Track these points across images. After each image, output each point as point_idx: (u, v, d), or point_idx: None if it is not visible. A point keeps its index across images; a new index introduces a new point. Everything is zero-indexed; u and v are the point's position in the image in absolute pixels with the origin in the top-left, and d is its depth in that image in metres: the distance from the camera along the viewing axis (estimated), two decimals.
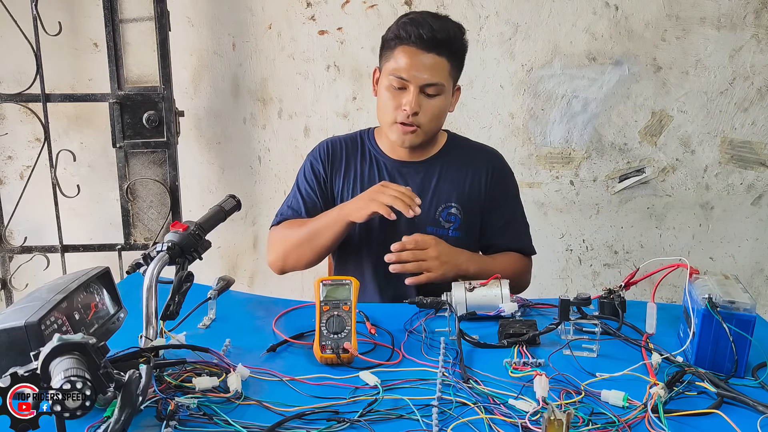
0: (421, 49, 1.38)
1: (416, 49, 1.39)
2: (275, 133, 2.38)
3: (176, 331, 1.10)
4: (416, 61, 1.39)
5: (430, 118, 1.43)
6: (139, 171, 2.22)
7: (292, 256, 1.49)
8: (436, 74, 1.40)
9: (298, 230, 1.48)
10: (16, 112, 2.30)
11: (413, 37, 1.38)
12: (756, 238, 2.37)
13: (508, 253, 1.56)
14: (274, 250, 1.52)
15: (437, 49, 1.39)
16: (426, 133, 1.46)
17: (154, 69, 2.14)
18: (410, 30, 1.38)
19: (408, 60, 1.39)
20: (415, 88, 1.39)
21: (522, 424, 0.83)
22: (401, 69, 1.39)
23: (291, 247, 1.48)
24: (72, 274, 1.01)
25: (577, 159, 2.34)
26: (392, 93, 1.42)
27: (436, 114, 1.44)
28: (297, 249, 1.47)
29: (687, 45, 2.22)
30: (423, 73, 1.39)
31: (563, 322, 1.08)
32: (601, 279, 2.44)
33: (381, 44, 1.48)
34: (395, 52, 1.41)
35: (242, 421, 0.83)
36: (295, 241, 1.47)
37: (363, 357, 1.03)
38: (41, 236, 2.33)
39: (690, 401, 0.91)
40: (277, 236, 1.53)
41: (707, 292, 0.99)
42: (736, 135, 2.28)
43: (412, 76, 1.39)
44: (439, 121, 1.47)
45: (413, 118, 1.42)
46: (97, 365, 0.71)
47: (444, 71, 1.42)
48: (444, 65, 1.41)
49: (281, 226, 1.54)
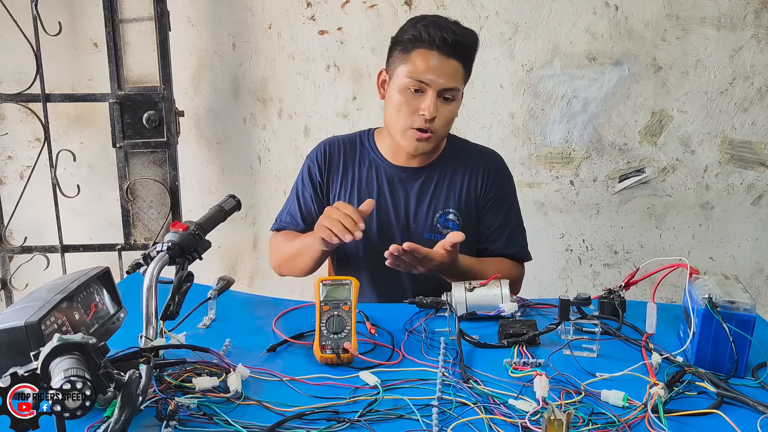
0: (443, 53, 1.35)
1: (438, 54, 1.35)
2: (275, 133, 2.38)
3: (176, 331, 1.10)
4: (436, 65, 1.35)
5: (444, 123, 1.41)
6: (139, 171, 2.22)
7: (285, 268, 1.56)
8: (454, 79, 1.38)
9: (288, 246, 1.51)
10: (16, 112, 2.30)
11: (437, 41, 1.34)
12: (756, 238, 2.37)
13: (500, 259, 1.53)
14: (273, 257, 1.59)
15: (457, 55, 1.36)
16: (437, 140, 1.44)
17: (154, 69, 2.14)
18: (434, 33, 1.34)
19: (429, 63, 1.35)
20: (433, 92, 1.36)
21: (522, 424, 0.83)
22: (420, 72, 1.35)
23: (283, 261, 1.54)
24: (72, 274, 1.02)
25: (577, 159, 2.34)
26: (407, 97, 1.38)
27: (450, 120, 1.43)
28: (288, 263, 1.53)
29: (687, 45, 2.22)
30: (444, 77, 1.36)
31: (563, 322, 1.08)
32: (601, 279, 2.44)
33: (391, 45, 1.44)
34: (412, 54, 1.37)
35: (242, 421, 0.83)
36: (285, 257, 1.53)
37: (363, 357, 1.03)
38: (41, 236, 2.33)
39: (690, 401, 0.91)
40: (275, 245, 1.57)
41: (707, 292, 0.99)
42: (736, 135, 2.28)
43: (432, 80, 1.35)
44: (450, 127, 1.46)
45: (429, 124, 1.38)
46: (97, 365, 0.71)
47: (461, 76, 1.40)
48: (461, 71, 1.39)
49: (279, 236, 1.57)
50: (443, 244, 1.29)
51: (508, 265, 1.52)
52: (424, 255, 1.27)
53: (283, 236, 1.55)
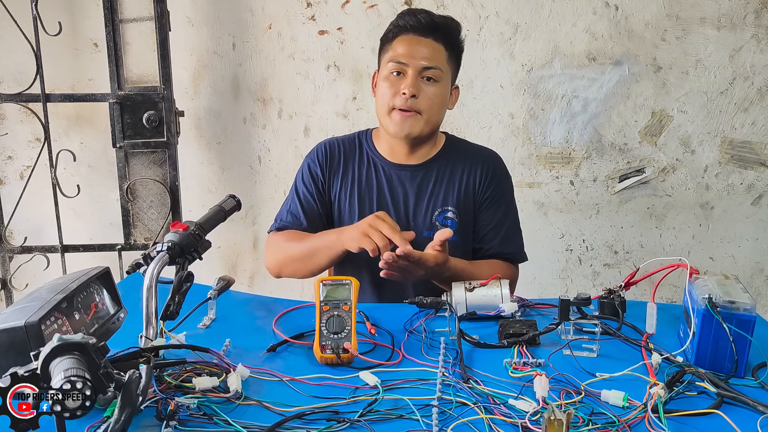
0: (420, 34, 1.43)
1: (415, 36, 1.43)
2: (275, 133, 2.38)
3: (176, 331, 1.10)
4: (414, 46, 1.42)
5: (429, 104, 1.43)
6: (139, 171, 2.22)
7: (289, 269, 1.51)
8: (434, 58, 1.42)
9: (297, 245, 1.47)
10: (16, 112, 2.30)
11: (411, 23, 1.42)
12: (756, 238, 2.37)
13: (493, 261, 1.52)
14: (273, 257, 1.53)
15: (434, 34, 1.43)
16: (426, 122, 1.44)
17: (154, 69, 2.14)
18: (408, 18, 1.43)
19: (407, 46, 1.42)
20: (413, 71, 1.41)
21: (522, 424, 0.83)
22: (399, 55, 1.42)
23: (288, 261, 1.50)
24: (72, 274, 1.02)
25: (577, 159, 2.34)
26: (390, 81, 1.43)
27: (436, 102, 1.44)
28: (294, 263, 1.49)
29: (687, 45, 2.22)
30: (421, 56, 1.41)
31: (563, 322, 1.08)
32: (601, 279, 2.44)
33: (380, 44, 1.50)
34: (393, 43, 1.45)
35: (242, 421, 0.83)
36: (293, 256, 1.48)
37: (363, 357, 1.03)
38: (41, 236, 2.33)
39: (690, 401, 0.91)
40: (276, 245, 1.52)
41: (707, 292, 0.99)
42: (736, 135, 2.28)
43: (410, 59, 1.41)
44: (438, 111, 1.46)
45: (412, 102, 1.41)
46: (97, 365, 0.71)
47: (442, 57, 1.44)
48: (442, 51, 1.44)
49: (281, 236, 1.53)
50: (432, 245, 1.30)
51: (500, 267, 1.50)
52: (418, 258, 1.27)
53: (286, 236, 1.52)
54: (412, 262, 1.27)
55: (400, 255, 1.24)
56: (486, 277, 1.25)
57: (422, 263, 1.28)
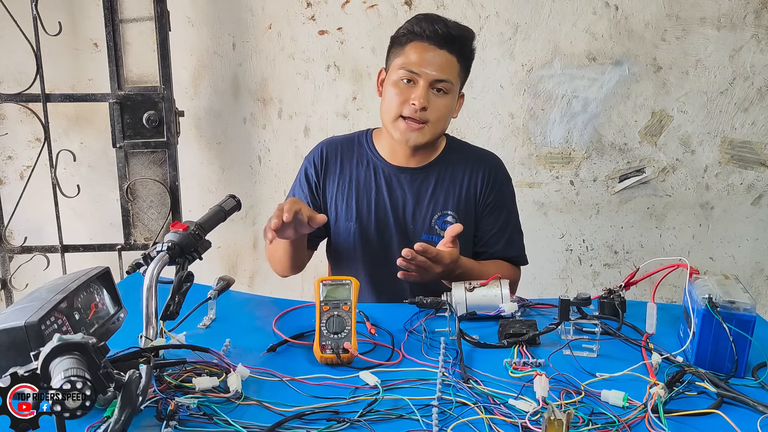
0: (435, 45, 1.39)
1: (429, 45, 1.39)
2: (275, 133, 2.38)
3: (176, 331, 1.10)
4: (428, 56, 1.38)
5: (438, 116, 1.42)
6: (139, 171, 2.22)
7: (277, 268, 1.59)
8: (446, 71, 1.40)
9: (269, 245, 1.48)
10: (16, 112, 2.30)
11: (428, 32, 1.38)
12: (756, 238, 2.37)
13: (497, 261, 1.52)
14: (267, 259, 1.60)
15: (450, 46, 1.39)
16: (432, 134, 1.44)
17: (154, 69, 2.14)
18: (425, 26, 1.38)
19: (420, 55, 1.39)
20: (425, 82, 1.38)
21: (522, 424, 0.83)
22: (412, 63, 1.39)
23: (272, 260, 1.59)
24: (72, 274, 1.02)
25: (577, 159, 2.34)
26: (400, 88, 1.40)
27: (444, 113, 1.43)
28: (274, 263, 1.57)
29: (687, 45, 2.22)
30: (434, 68, 1.38)
31: (563, 322, 1.08)
32: (601, 279, 2.44)
33: (390, 43, 1.47)
34: (406, 48, 1.41)
35: (242, 421, 0.83)
36: (271, 256, 1.57)
37: (363, 357, 1.03)
38: (41, 236, 2.33)
39: (690, 401, 0.91)
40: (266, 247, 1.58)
41: (707, 292, 0.99)
42: (736, 135, 2.28)
43: (423, 70, 1.38)
44: (445, 122, 1.46)
45: (421, 114, 1.39)
46: (97, 365, 0.71)
47: (454, 70, 1.41)
48: (454, 64, 1.41)
49: None
50: (444, 242, 1.30)
51: (505, 268, 1.51)
52: (435, 254, 1.27)
53: None
54: (430, 258, 1.26)
55: (418, 250, 1.23)
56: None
57: (439, 259, 1.28)
